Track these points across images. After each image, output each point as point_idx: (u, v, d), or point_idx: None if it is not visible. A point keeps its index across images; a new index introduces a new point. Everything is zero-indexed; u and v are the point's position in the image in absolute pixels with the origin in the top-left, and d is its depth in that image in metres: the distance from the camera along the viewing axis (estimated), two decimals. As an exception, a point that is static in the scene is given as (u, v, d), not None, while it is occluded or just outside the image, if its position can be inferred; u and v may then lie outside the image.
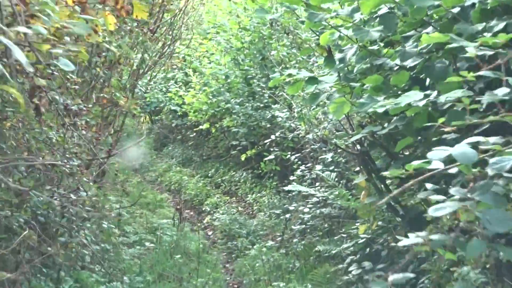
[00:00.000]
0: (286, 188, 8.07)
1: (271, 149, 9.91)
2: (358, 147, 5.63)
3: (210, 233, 11.75)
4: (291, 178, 8.69)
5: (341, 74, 5.14)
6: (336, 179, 7.45)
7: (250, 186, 13.30)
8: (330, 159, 7.70)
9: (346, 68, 5.27)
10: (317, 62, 7.64)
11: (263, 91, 10.95)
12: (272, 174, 11.63)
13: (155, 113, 19.46)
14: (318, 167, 7.75)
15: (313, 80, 5.02)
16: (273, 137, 9.51)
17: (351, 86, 4.94)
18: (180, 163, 16.63)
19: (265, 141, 9.89)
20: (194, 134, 15.89)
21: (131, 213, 12.21)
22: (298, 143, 9.60)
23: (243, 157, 12.41)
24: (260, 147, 12.01)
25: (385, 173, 3.63)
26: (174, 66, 9.38)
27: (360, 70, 5.11)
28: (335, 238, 7.06)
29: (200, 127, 14.38)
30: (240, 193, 13.38)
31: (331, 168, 7.61)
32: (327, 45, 5.50)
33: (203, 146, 16.17)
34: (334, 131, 7.84)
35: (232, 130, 11.39)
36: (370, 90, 4.39)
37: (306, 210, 7.96)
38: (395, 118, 4.77)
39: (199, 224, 12.27)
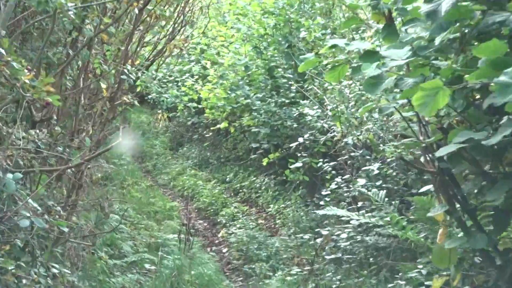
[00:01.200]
0: (319, 212, 6.10)
1: (298, 154, 7.95)
2: (430, 160, 3.66)
3: (224, 250, 9.85)
4: (324, 192, 6.73)
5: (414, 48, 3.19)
6: (386, 198, 5.46)
7: (272, 194, 11.37)
8: (376, 171, 5.72)
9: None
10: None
11: (289, 83, 8.99)
12: (298, 184, 9.68)
13: (172, 110, 17.60)
14: (361, 181, 5.76)
15: (372, 56, 3.07)
16: (301, 140, 7.56)
17: (433, 65, 2.99)
18: (196, 165, 14.74)
19: (291, 145, 7.93)
20: (211, 133, 13.98)
21: (135, 224, 10.37)
22: (332, 148, 7.64)
23: (264, 162, 10.48)
24: (284, 150, 10.07)
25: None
26: (178, 50, 7.58)
27: (443, 42, 3.13)
28: (389, 286, 5.05)
29: (218, 126, 12.46)
30: (260, 202, 11.45)
31: (378, 183, 5.63)
32: (386, 9, 3.62)
33: (221, 147, 14.25)
34: (381, 134, 5.87)
35: (252, 130, 9.45)
36: (485, 67, 2.41)
37: (344, 235, 5.99)
38: (506, 118, 2.84)
39: (212, 239, 10.37)
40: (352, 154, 6.35)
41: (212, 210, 11.33)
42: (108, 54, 6.00)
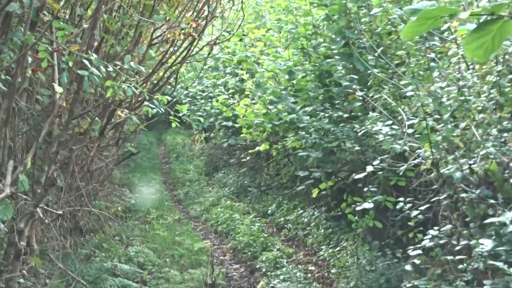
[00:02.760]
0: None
1: (365, 188, 5.54)
2: None
3: (265, 310, 7.48)
4: (412, 251, 4.27)
5: None
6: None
7: (324, 232, 8.95)
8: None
9: None
10: None
11: (350, 91, 6.57)
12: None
13: (209, 130, 15.36)
14: (486, 242, 3.30)
15: None
16: (370, 169, 5.13)
17: None
18: (233, 193, 12.40)
19: (357, 176, 5.50)
20: (249, 157, 11.63)
21: (153, 272, 8.11)
22: (414, 180, 5.21)
23: (314, 193, 8.09)
24: (339, 179, 7.64)
25: None
26: (187, 37, 5.43)
27: None
28: None
29: (257, 148, 10.11)
30: (310, 243, 9.03)
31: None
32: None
33: (262, 173, 11.88)
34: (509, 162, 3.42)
35: (299, 154, 7.04)
36: None
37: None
38: None
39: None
40: (465, 195, 3.88)
41: (250, 253, 8.95)
42: (61, 35, 3.76)
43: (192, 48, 7.15)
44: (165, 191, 13.93)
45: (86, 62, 3.41)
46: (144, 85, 7.23)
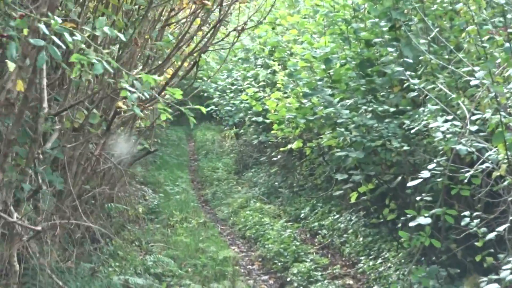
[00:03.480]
0: None
1: (417, 197, 4.52)
2: None
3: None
4: (487, 285, 3.26)
5: None
6: None
7: (363, 241, 7.94)
8: None
9: None
10: None
11: (400, 79, 5.52)
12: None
13: (240, 126, 14.41)
14: None
15: None
16: (426, 174, 4.11)
17: None
18: (263, 194, 11.44)
19: (411, 183, 4.46)
20: (280, 156, 10.65)
21: (177, 283, 7.25)
22: (481, 189, 4.18)
23: (353, 197, 7.10)
24: (383, 182, 6.63)
25: None
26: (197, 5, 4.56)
27: None
28: None
29: (289, 146, 9.13)
30: (347, 253, 8.03)
31: None
32: None
33: (294, 173, 10.88)
34: None
35: (337, 154, 6.01)
36: None
37: None
38: None
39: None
40: None
41: (280, 264, 7.99)
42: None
43: (214, 31, 6.20)
44: (191, 191, 13.05)
45: (43, 27, 2.48)
46: (160, 75, 6.34)
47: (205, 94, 14.50)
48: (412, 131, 4.93)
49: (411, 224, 4.14)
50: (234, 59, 12.68)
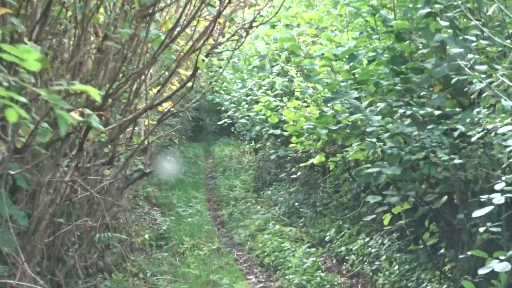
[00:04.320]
0: None
1: (481, 229, 3.27)
2: None
3: None
4: None
5: None
6: None
7: (399, 270, 6.68)
8: None
9: None
10: None
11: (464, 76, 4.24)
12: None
13: (258, 139, 13.22)
14: None
15: None
16: (499, 199, 2.88)
17: None
18: (283, 214, 10.23)
19: (477, 213, 3.21)
20: (300, 172, 9.43)
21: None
22: None
23: (386, 220, 5.89)
24: (420, 201, 5.38)
25: None
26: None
27: None
28: None
29: (310, 161, 7.93)
30: (380, 283, 6.78)
31: None
32: None
33: (317, 191, 9.65)
34: None
35: (367, 171, 4.75)
36: None
37: None
38: None
39: None
40: None
41: (303, 298, 6.78)
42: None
43: (213, 27, 5.06)
44: (207, 212, 11.89)
45: None
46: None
47: (223, 108, 13.38)
48: (473, 138, 3.69)
49: (481, 271, 2.90)
50: (249, 67, 11.55)
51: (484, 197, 3.23)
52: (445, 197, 4.82)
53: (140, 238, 8.76)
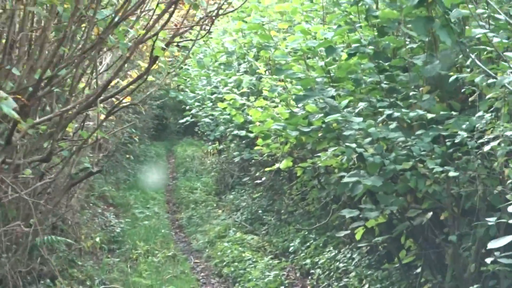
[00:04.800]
0: None
1: (488, 259, 2.62)
2: None
3: None
4: None
5: None
6: None
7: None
8: None
9: None
10: None
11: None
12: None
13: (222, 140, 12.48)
14: None
15: None
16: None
17: None
18: (246, 220, 9.53)
19: (492, 244, 2.54)
20: (264, 177, 8.75)
21: None
22: None
23: (358, 235, 5.24)
24: (403, 219, 4.74)
25: None
26: None
27: None
28: None
29: (276, 165, 7.26)
30: (350, 302, 6.13)
31: None
32: None
33: (282, 197, 8.98)
34: None
35: (344, 180, 4.08)
36: None
37: None
38: None
39: None
40: None
41: (263, 317, 6.09)
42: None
43: (174, 8, 4.35)
44: (165, 214, 11.14)
45: None
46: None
47: (187, 107, 12.59)
48: (487, 148, 3.03)
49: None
50: (215, 64, 10.83)
51: (491, 220, 2.58)
52: (430, 213, 4.18)
53: (90, 241, 8.00)
